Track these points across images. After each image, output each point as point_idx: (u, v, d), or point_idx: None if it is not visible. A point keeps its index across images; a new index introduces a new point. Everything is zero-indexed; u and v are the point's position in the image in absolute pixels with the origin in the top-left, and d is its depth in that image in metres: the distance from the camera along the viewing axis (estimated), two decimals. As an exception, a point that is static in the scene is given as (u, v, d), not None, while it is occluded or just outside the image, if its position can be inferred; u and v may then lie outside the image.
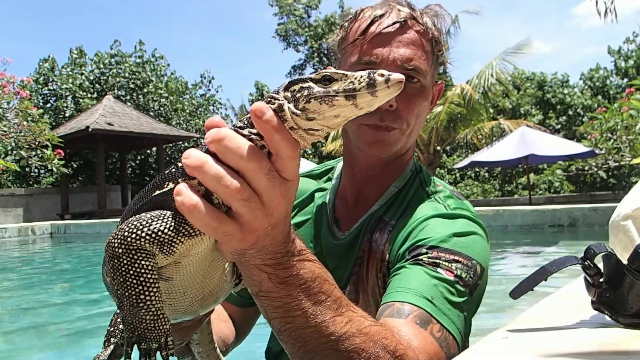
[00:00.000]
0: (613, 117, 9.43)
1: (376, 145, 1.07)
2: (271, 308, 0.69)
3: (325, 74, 0.60)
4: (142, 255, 0.58)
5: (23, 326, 4.21)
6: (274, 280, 0.67)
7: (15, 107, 7.35)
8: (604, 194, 19.20)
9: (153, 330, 0.59)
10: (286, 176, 0.61)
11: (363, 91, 0.58)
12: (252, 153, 0.59)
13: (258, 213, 0.60)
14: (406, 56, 1.04)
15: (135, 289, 0.58)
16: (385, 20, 1.05)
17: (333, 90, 0.58)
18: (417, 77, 1.05)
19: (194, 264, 0.65)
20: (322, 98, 0.58)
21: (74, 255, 9.45)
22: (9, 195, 16.88)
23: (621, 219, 1.08)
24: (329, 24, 26.98)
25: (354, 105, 0.59)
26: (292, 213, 1.20)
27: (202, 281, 0.69)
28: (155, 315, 0.59)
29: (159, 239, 0.59)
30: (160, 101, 23.71)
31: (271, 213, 0.61)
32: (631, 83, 9.23)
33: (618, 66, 28.38)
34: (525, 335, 0.76)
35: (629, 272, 0.74)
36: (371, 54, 1.04)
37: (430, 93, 1.11)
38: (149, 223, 0.59)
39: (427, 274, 0.90)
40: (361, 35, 1.06)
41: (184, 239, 0.60)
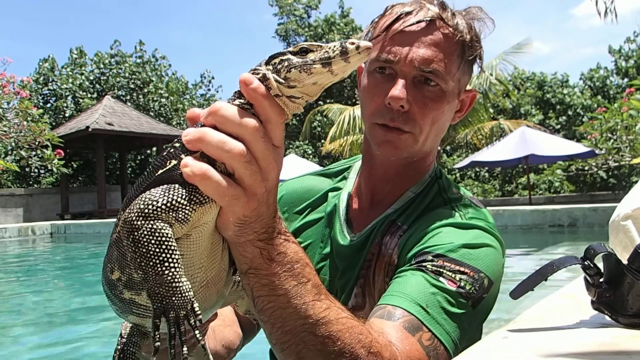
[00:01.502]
0: (613, 117, 9.43)
1: (385, 145, 1.04)
2: (258, 286, 0.72)
3: (302, 46, 0.66)
4: (161, 224, 0.61)
5: (23, 326, 4.21)
6: (264, 257, 0.70)
7: (15, 107, 7.35)
8: (604, 194, 19.20)
9: (179, 297, 0.61)
10: (276, 142, 0.67)
11: (337, 58, 0.64)
12: (248, 118, 0.65)
13: (257, 177, 0.66)
14: (425, 57, 1.00)
15: (159, 257, 0.61)
16: (411, 19, 1.02)
17: (310, 60, 0.65)
18: (435, 80, 1.01)
19: (201, 238, 0.68)
20: (302, 67, 0.65)
21: (74, 255, 9.45)
22: (9, 195, 16.87)
23: (621, 219, 1.08)
24: (329, 24, 26.99)
25: (329, 72, 0.65)
26: (305, 211, 1.20)
27: (206, 265, 0.72)
28: (180, 282, 0.62)
29: (174, 207, 0.62)
30: (160, 101, 23.72)
31: (267, 177, 0.67)
32: (631, 83, 9.22)
33: (618, 66, 28.39)
34: (525, 335, 0.76)
35: (629, 272, 0.74)
36: (390, 52, 1.02)
37: (452, 99, 1.06)
38: (163, 195, 0.63)
39: (426, 281, 0.88)
40: (384, 32, 1.04)
41: (196, 207, 0.64)
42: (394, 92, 0.99)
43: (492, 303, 0.99)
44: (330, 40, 2.85)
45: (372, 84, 1.05)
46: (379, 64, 1.03)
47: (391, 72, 1.02)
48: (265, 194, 0.67)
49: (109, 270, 0.72)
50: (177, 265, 0.61)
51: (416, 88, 1.01)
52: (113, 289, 0.72)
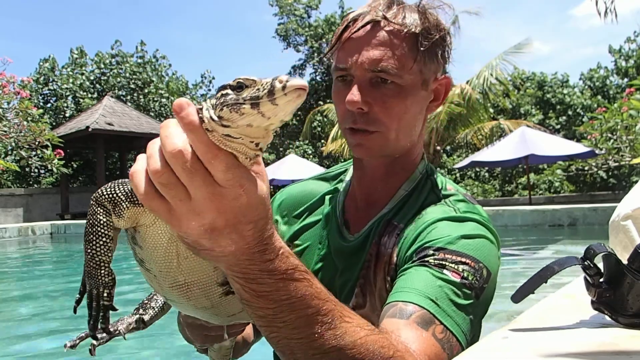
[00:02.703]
0: (613, 117, 9.44)
1: (358, 148, 1.07)
2: (255, 316, 0.69)
3: (238, 80, 0.58)
4: (101, 210, 0.70)
5: (23, 326, 4.21)
6: (250, 293, 0.66)
7: (15, 107, 7.35)
8: (604, 194, 19.20)
9: (94, 277, 0.72)
10: (218, 181, 0.60)
11: (265, 99, 0.55)
12: (172, 144, 0.59)
13: (180, 203, 0.61)
14: (373, 58, 1.02)
15: (88, 236, 0.71)
16: (358, 24, 1.05)
17: (242, 98, 0.56)
18: (389, 77, 1.02)
19: (151, 237, 0.71)
20: (232, 106, 0.56)
21: (74, 255, 9.45)
22: (9, 195, 16.88)
23: (621, 219, 1.08)
24: (329, 24, 26.99)
25: (260, 114, 0.56)
26: (304, 215, 1.22)
27: (174, 267, 0.73)
28: (98, 265, 0.72)
29: (113, 199, 0.70)
30: (160, 101, 23.72)
31: (199, 212, 0.61)
32: (631, 83, 9.23)
33: (618, 66, 28.40)
34: (525, 335, 0.76)
35: (629, 272, 0.74)
36: (343, 60, 1.05)
37: (416, 91, 1.06)
38: (111, 186, 0.71)
39: (432, 275, 0.90)
40: (336, 42, 1.08)
41: (129, 205, 0.69)
42: (349, 97, 1.02)
43: (492, 295, 1.00)
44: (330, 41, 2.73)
45: (336, 92, 1.09)
46: (338, 74, 1.07)
47: (349, 77, 1.06)
48: (203, 229, 0.61)
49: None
50: (101, 250, 0.70)
51: (374, 89, 1.03)
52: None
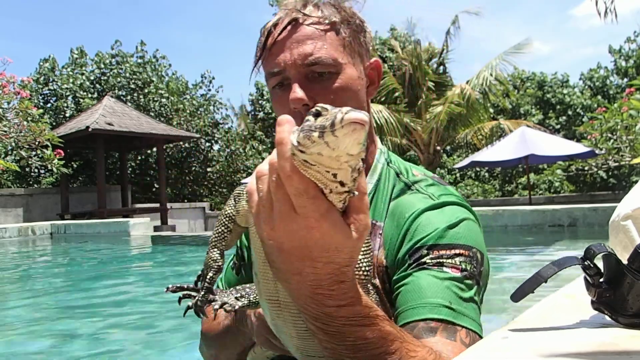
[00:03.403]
0: (613, 117, 9.44)
1: None
2: (323, 348, 0.71)
3: (317, 108, 0.57)
4: (231, 202, 0.79)
5: (23, 326, 4.21)
6: (315, 326, 0.68)
7: (15, 107, 7.35)
8: (604, 194, 19.20)
9: (208, 257, 0.79)
10: (294, 204, 0.60)
11: (328, 130, 0.54)
12: (276, 152, 0.61)
13: (262, 209, 0.64)
14: (305, 52, 1.02)
15: (216, 223, 0.80)
16: (279, 28, 1.05)
17: (314, 126, 0.56)
18: (325, 69, 1.02)
19: (255, 241, 0.75)
20: (306, 132, 0.56)
21: (74, 256, 9.45)
22: (9, 195, 16.87)
23: (621, 219, 1.08)
24: (329, 24, 26.95)
25: (326, 144, 0.54)
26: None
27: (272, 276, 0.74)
28: (213, 247, 0.79)
29: (238, 195, 0.79)
30: (160, 101, 23.71)
31: (273, 226, 0.62)
32: (631, 83, 9.23)
33: (618, 66, 28.39)
34: (525, 335, 0.76)
35: (629, 272, 0.74)
36: (275, 64, 1.04)
37: (352, 77, 1.06)
38: (243, 187, 0.76)
39: (436, 278, 0.90)
40: (262, 51, 1.07)
41: (245, 203, 0.76)
42: (291, 96, 1.01)
43: (488, 271, 1.02)
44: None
45: (276, 101, 1.08)
46: (274, 79, 1.06)
47: (285, 81, 1.05)
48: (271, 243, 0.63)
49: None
50: (218, 237, 0.78)
51: (314, 83, 1.03)
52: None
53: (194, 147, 24.07)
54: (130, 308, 4.74)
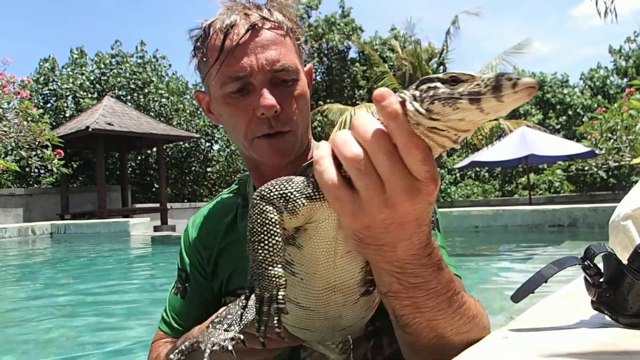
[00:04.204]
0: (613, 117, 9.43)
1: (275, 154, 1.04)
2: (399, 307, 0.71)
3: (452, 75, 0.58)
4: (270, 208, 0.65)
5: (23, 325, 4.21)
6: (403, 285, 0.69)
7: (15, 107, 7.35)
8: (604, 194, 19.20)
9: (267, 279, 0.64)
10: (414, 173, 0.60)
11: (488, 95, 0.54)
12: (374, 130, 0.60)
13: (373, 194, 0.61)
14: (272, 58, 1.00)
15: (258, 236, 0.65)
16: (238, 30, 1.01)
17: (458, 93, 0.56)
18: (290, 76, 1.03)
19: (317, 235, 0.69)
20: (446, 100, 0.56)
21: (74, 256, 9.45)
22: (9, 195, 16.87)
23: (621, 219, 1.08)
24: (329, 24, 26.98)
25: (478, 110, 0.55)
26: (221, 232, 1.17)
27: (331, 267, 0.71)
28: (271, 266, 0.64)
29: (286, 196, 0.65)
30: (160, 101, 23.71)
31: (391, 205, 0.61)
32: (631, 83, 9.22)
33: (618, 66, 28.39)
34: (525, 335, 0.76)
35: (629, 272, 0.74)
36: (239, 68, 0.99)
37: (306, 83, 1.09)
38: (282, 183, 0.67)
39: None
40: (220, 54, 1.00)
41: (305, 200, 0.65)
42: (265, 102, 0.99)
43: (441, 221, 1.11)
44: (330, 40, 2.73)
45: (235, 107, 1.03)
46: (234, 84, 1.01)
47: (247, 87, 1.01)
48: (391, 224, 0.62)
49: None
50: (272, 250, 0.64)
51: (278, 89, 1.02)
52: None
53: (194, 147, 24.08)
54: (131, 308, 4.73)
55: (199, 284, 1.18)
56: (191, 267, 1.18)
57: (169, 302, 1.21)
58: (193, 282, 1.18)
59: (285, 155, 1.05)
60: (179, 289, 1.19)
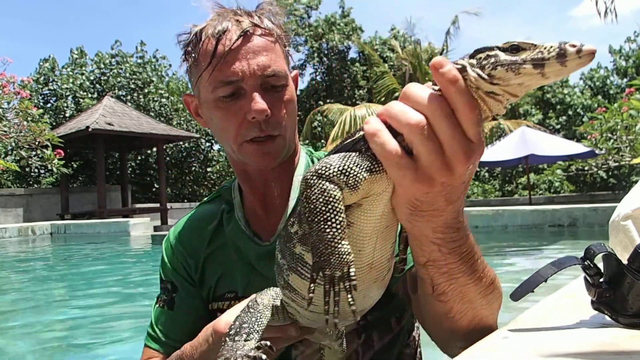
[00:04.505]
0: (613, 117, 9.43)
1: (264, 158, 1.06)
2: (437, 274, 0.75)
3: (513, 44, 0.62)
4: (331, 185, 0.64)
5: (23, 326, 4.21)
6: (443, 252, 0.73)
7: (15, 107, 7.35)
8: (604, 194, 19.20)
9: (337, 257, 0.63)
10: (469, 136, 0.64)
11: (552, 60, 0.59)
12: (431, 96, 0.64)
13: (436, 158, 0.64)
14: (263, 64, 1.03)
15: (324, 214, 0.64)
16: (230, 35, 1.03)
17: (521, 59, 0.60)
18: (280, 81, 1.05)
19: (372, 211, 0.69)
20: (509, 66, 0.61)
21: (74, 256, 9.45)
22: (9, 195, 16.88)
23: (621, 219, 1.08)
24: (330, 24, 26.99)
25: (540, 74, 0.60)
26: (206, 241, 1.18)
27: (373, 243, 0.72)
28: (340, 243, 0.63)
29: (345, 171, 0.65)
30: (160, 101, 23.72)
31: (451, 167, 0.64)
32: (631, 83, 9.23)
33: (618, 66, 28.39)
34: (525, 335, 0.76)
35: (629, 272, 0.74)
36: (231, 73, 1.02)
37: (294, 89, 1.13)
38: (339, 159, 0.66)
39: None
40: (212, 59, 1.02)
41: (366, 174, 0.65)
42: (256, 106, 1.01)
43: None
44: (330, 40, 2.75)
45: (225, 111, 1.05)
46: (226, 89, 1.02)
47: (239, 91, 1.03)
48: (447, 186, 0.66)
49: (290, 224, 0.77)
50: (340, 227, 0.63)
51: (268, 94, 1.04)
52: (288, 241, 0.77)
53: (194, 147, 24.08)
54: (131, 308, 4.74)
55: (189, 292, 1.18)
56: (178, 276, 1.19)
57: (155, 317, 1.20)
58: (182, 292, 1.18)
59: (273, 159, 1.08)
60: (165, 301, 1.19)
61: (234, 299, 1.12)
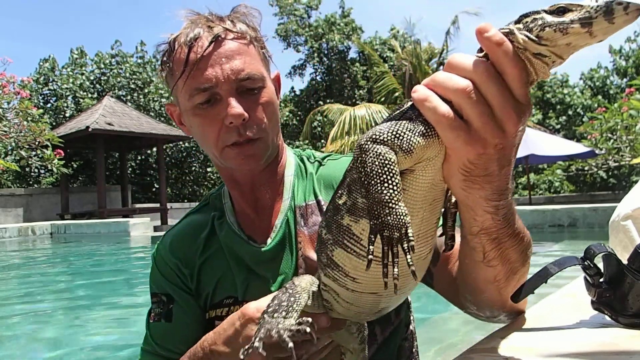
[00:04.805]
0: (613, 117, 9.43)
1: (246, 160, 1.06)
2: (488, 242, 0.76)
3: (559, 6, 0.63)
4: (386, 148, 0.66)
5: (23, 325, 4.21)
6: (495, 219, 0.74)
7: (15, 107, 7.36)
8: (604, 194, 19.19)
9: (394, 218, 0.64)
10: (517, 96, 0.65)
11: (600, 18, 0.60)
12: (477, 61, 0.66)
13: (487, 120, 0.65)
14: (237, 68, 1.03)
15: (380, 177, 0.65)
16: (202, 42, 1.03)
17: (569, 19, 0.62)
18: (255, 84, 1.05)
19: (424, 176, 0.71)
20: (557, 26, 0.62)
21: (74, 255, 9.45)
22: (9, 195, 16.87)
23: (621, 219, 1.08)
24: (330, 24, 26.99)
25: (588, 33, 0.61)
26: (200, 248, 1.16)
27: (423, 214, 0.74)
28: (397, 204, 0.65)
29: (399, 135, 0.67)
30: (160, 101, 23.71)
31: (502, 127, 0.66)
32: (631, 83, 9.23)
33: (618, 66, 28.39)
34: (526, 335, 0.76)
35: (629, 272, 0.74)
36: (205, 80, 1.02)
37: (273, 90, 1.12)
38: (391, 125, 0.68)
39: None
40: (185, 67, 1.03)
41: (419, 138, 0.67)
42: (232, 111, 1.01)
43: None
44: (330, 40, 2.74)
45: (204, 118, 1.05)
46: (202, 96, 1.03)
47: (214, 97, 1.03)
48: (499, 148, 0.67)
49: (338, 196, 0.78)
50: (396, 188, 0.65)
51: (244, 97, 1.04)
52: (336, 214, 0.77)
53: (194, 147, 24.07)
54: (131, 308, 4.74)
55: (187, 301, 1.16)
56: (173, 287, 1.17)
57: (151, 332, 1.18)
58: (180, 302, 1.16)
59: (256, 161, 1.08)
60: (161, 314, 1.16)
61: (233, 305, 1.11)
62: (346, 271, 0.78)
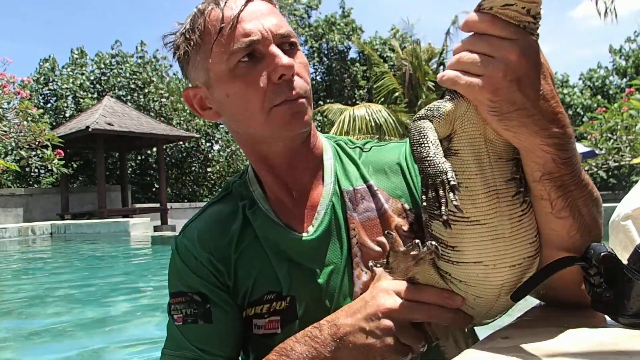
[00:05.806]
0: (613, 117, 9.43)
1: (297, 120, 0.97)
2: (553, 189, 0.75)
3: None
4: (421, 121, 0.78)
5: (23, 325, 4.21)
6: (557, 162, 0.74)
7: (15, 107, 7.36)
8: (604, 194, 19.21)
9: (433, 167, 0.74)
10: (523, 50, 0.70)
11: None
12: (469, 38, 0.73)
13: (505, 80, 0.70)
14: (276, 24, 0.98)
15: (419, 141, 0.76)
16: (237, 2, 0.98)
17: None
18: (292, 40, 1.00)
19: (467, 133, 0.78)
20: None
21: (74, 256, 9.46)
22: (9, 195, 16.87)
23: (621, 219, 1.08)
24: (330, 24, 27.01)
25: None
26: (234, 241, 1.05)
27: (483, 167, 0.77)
28: (434, 156, 0.74)
29: (429, 107, 0.78)
30: (160, 101, 23.72)
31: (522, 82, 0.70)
32: (631, 83, 9.23)
33: (618, 66, 28.40)
34: (526, 335, 0.76)
35: (629, 272, 0.74)
36: (248, 34, 0.95)
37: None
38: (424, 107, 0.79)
39: None
40: (223, 23, 0.96)
41: (445, 103, 0.78)
42: (282, 62, 0.94)
43: None
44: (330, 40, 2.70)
45: (247, 76, 0.96)
46: (245, 50, 0.95)
47: (255, 55, 0.97)
48: (509, 79, 0.70)
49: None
50: (431, 146, 0.75)
51: (286, 54, 0.98)
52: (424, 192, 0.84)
53: (194, 147, 24.07)
54: (130, 308, 4.74)
55: (225, 301, 1.03)
56: (209, 286, 1.04)
57: (185, 336, 1.02)
58: (217, 301, 1.02)
59: (306, 120, 0.99)
60: (196, 314, 1.02)
61: (275, 300, 1.01)
62: (445, 242, 0.80)
